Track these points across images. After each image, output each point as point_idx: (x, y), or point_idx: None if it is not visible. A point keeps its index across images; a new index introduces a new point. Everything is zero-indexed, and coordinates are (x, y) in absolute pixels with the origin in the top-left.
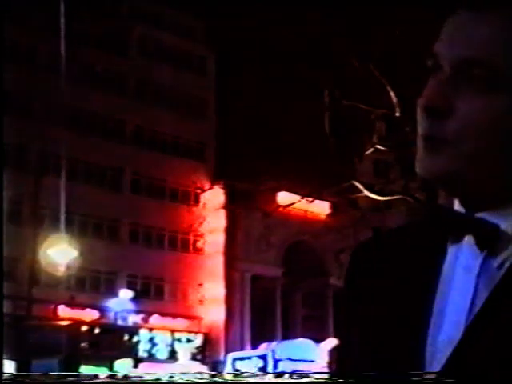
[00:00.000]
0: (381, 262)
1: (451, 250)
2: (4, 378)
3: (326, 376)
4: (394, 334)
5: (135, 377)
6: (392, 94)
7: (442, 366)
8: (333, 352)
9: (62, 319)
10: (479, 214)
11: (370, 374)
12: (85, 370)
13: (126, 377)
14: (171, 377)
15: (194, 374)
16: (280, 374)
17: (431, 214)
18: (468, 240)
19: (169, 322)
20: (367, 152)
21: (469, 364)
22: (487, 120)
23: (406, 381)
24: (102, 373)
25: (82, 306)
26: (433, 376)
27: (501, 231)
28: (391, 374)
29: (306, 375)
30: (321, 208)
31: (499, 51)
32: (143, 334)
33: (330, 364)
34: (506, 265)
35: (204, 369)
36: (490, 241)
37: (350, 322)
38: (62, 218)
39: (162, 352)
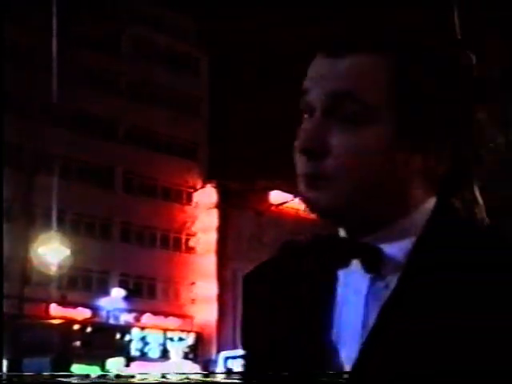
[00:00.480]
0: (275, 286)
1: (342, 274)
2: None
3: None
4: (296, 353)
5: (127, 376)
6: None
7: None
8: None
9: (54, 318)
10: (364, 239)
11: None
12: (77, 368)
13: (117, 376)
14: (163, 376)
15: (186, 373)
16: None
17: (317, 242)
18: (356, 264)
19: (161, 320)
20: None
21: (368, 377)
22: (360, 155)
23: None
24: (94, 372)
25: (74, 305)
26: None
27: (384, 254)
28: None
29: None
30: None
31: (365, 85)
32: (135, 332)
33: None
34: (392, 285)
35: (196, 368)
36: (374, 264)
37: (251, 338)
38: (54, 216)
39: (154, 351)
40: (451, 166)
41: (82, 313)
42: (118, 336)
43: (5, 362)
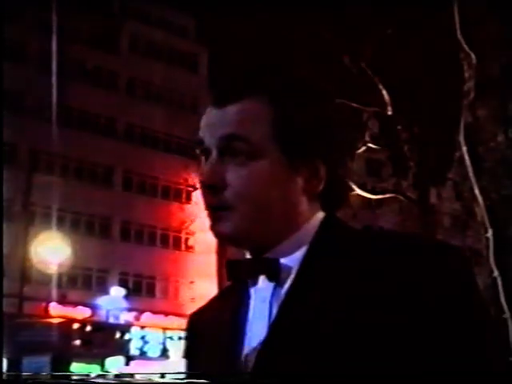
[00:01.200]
0: (208, 319)
1: (253, 289)
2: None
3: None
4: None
5: (126, 375)
6: (384, 92)
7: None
8: None
9: (54, 317)
10: (265, 255)
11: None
12: (76, 367)
13: (117, 375)
14: (162, 376)
15: (185, 372)
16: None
17: (230, 267)
18: (262, 278)
19: (160, 319)
20: (359, 150)
21: (269, 365)
22: (252, 185)
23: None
24: (94, 371)
25: (74, 304)
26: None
27: (282, 264)
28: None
29: None
30: None
31: (250, 128)
32: (135, 331)
33: None
34: (288, 285)
35: None
36: (274, 273)
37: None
38: (54, 215)
39: (153, 350)
40: (329, 183)
41: (82, 312)
42: (117, 335)
43: (4, 361)
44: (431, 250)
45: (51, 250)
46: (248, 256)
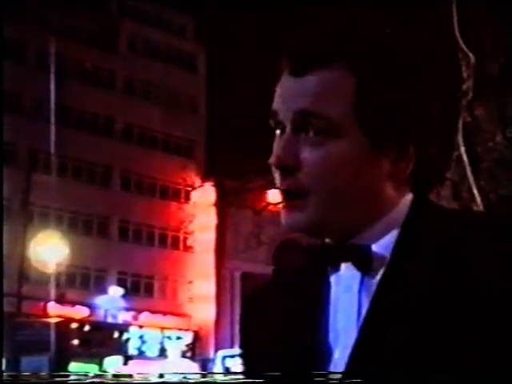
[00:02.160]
0: (275, 303)
1: (334, 277)
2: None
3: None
4: (293, 354)
5: (125, 375)
6: None
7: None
8: None
9: (52, 316)
10: (351, 241)
11: (278, 374)
12: (74, 367)
13: (115, 375)
14: (161, 375)
15: (184, 372)
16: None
17: (309, 253)
18: (346, 264)
19: (159, 319)
20: None
21: (363, 364)
22: (329, 167)
23: (311, 381)
24: (92, 370)
25: (72, 304)
26: (338, 376)
27: (372, 251)
28: (296, 374)
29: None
30: None
31: (329, 102)
32: (133, 331)
33: None
34: (381, 274)
35: (194, 366)
36: (364, 261)
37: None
38: (52, 215)
39: (151, 349)
40: (418, 164)
41: (80, 311)
42: (115, 335)
43: (3, 361)
44: None
45: (49, 250)
46: (328, 240)
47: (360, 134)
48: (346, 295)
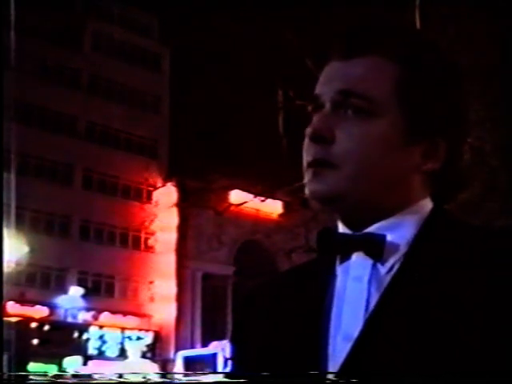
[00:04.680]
0: (275, 299)
1: (341, 267)
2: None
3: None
4: (294, 350)
5: (84, 375)
6: None
7: (341, 361)
8: None
9: (11, 316)
10: (366, 229)
11: (270, 374)
12: (34, 367)
13: (75, 375)
14: (120, 376)
15: (143, 373)
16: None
17: (320, 240)
18: (357, 254)
19: (119, 319)
20: None
21: (366, 359)
22: (365, 145)
23: (307, 381)
24: (51, 370)
25: (32, 303)
26: (331, 376)
27: (387, 241)
28: (292, 374)
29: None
30: (273, 207)
31: (371, 83)
32: (93, 331)
33: None
34: (395, 268)
35: (154, 367)
36: (377, 250)
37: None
38: (13, 213)
39: (111, 350)
40: (446, 165)
41: (40, 311)
42: (75, 334)
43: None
44: None
45: (10, 249)
46: (341, 227)
47: (398, 117)
48: (355, 285)
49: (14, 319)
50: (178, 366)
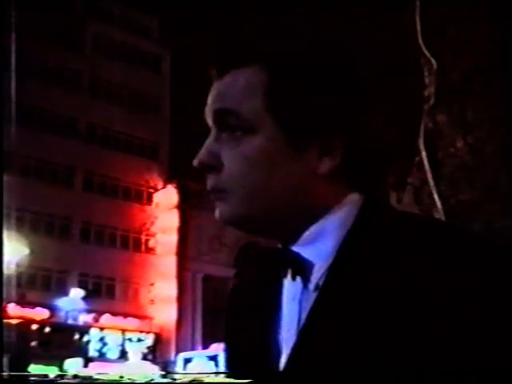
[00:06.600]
0: (238, 306)
1: (284, 283)
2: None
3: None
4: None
5: (85, 377)
6: None
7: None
8: None
9: (12, 317)
10: (293, 245)
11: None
12: (34, 369)
13: (75, 376)
14: (121, 377)
15: (144, 374)
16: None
17: (263, 253)
18: (290, 272)
19: (120, 321)
20: None
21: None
22: (246, 165)
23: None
24: (52, 372)
25: (33, 305)
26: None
27: (306, 259)
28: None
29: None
30: None
31: (240, 99)
32: (94, 333)
33: None
34: (321, 283)
35: (155, 369)
36: (300, 269)
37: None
38: (13, 215)
39: (112, 351)
40: (351, 160)
41: (41, 313)
42: (76, 336)
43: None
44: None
45: (10, 250)
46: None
47: (274, 130)
48: (292, 304)
49: (14, 321)
50: (179, 368)
